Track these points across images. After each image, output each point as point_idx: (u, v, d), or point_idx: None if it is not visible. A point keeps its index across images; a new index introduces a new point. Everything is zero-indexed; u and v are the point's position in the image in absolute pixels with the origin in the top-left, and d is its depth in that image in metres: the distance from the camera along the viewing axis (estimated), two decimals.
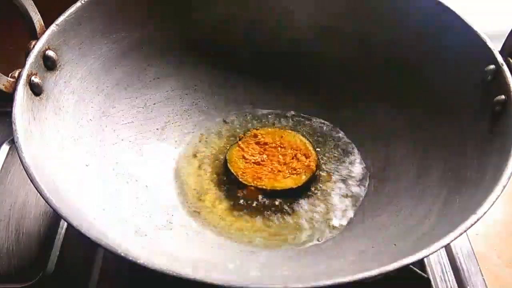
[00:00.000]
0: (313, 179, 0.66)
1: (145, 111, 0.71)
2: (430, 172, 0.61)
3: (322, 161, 0.69)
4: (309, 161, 0.66)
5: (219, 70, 0.74)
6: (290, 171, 0.65)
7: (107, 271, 0.61)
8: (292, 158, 0.66)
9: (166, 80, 0.72)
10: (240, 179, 0.65)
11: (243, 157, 0.66)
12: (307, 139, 0.69)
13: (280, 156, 0.67)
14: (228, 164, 0.66)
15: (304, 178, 0.65)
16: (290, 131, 0.71)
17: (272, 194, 0.64)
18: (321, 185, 0.66)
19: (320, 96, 0.74)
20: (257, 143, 0.68)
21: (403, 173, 0.64)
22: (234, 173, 0.65)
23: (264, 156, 0.67)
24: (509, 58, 0.57)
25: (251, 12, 0.73)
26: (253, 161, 0.66)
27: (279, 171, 0.65)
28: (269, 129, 0.70)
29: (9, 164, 0.73)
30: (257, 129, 0.70)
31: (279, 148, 0.68)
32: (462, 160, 0.57)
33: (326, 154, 0.70)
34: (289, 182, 0.64)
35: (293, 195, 0.65)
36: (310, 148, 0.68)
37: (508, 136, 0.52)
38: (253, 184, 0.64)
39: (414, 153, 0.65)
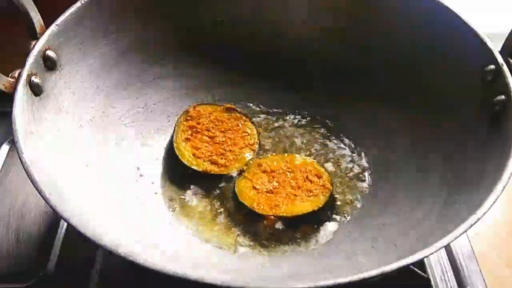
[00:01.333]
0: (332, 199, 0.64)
1: (145, 111, 0.71)
2: (430, 172, 0.61)
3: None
4: (323, 181, 0.64)
5: (219, 70, 0.74)
6: (306, 193, 0.63)
7: (107, 271, 0.61)
8: (305, 181, 0.64)
9: (166, 80, 0.72)
10: (257, 210, 0.61)
11: (253, 187, 0.64)
12: (313, 159, 0.67)
13: (292, 181, 0.64)
14: (239, 198, 0.63)
15: (323, 198, 0.62)
16: (293, 154, 0.68)
17: (292, 219, 0.61)
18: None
19: (320, 96, 0.74)
20: (264, 172, 0.65)
21: (403, 173, 0.65)
22: (249, 206, 0.62)
23: (275, 183, 0.64)
24: (509, 58, 0.57)
25: (251, 12, 0.73)
26: (265, 190, 0.63)
27: (295, 195, 0.63)
28: (272, 156, 0.68)
29: (9, 164, 0.73)
30: (259, 158, 0.68)
31: (287, 173, 0.65)
32: (462, 160, 0.57)
33: (326, 156, 0.70)
34: (308, 205, 0.62)
35: (313, 216, 0.62)
36: (319, 167, 0.66)
37: (508, 136, 0.52)
38: (271, 213, 0.61)
39: (414, 153, 0.65)
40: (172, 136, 0.69)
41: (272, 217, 0.61)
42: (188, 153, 0.66)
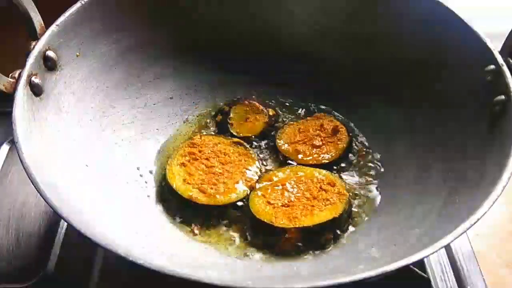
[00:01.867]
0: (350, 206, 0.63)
1: (145, 111, 0.71)
2: (430, 172, 0.61)
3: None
4: (338, 188, 0.63)
5: (219, 70, 0.74)
6: (324, 203, 0.61)
7: (107, 271, 0.61)
8: (319, 191, 0.63)
9: (166, 80, 0.72)
10: (276, 224, 0.59)
11: (268, 202, 0.62)
12: (322, 169, 0.66)
13: (306, 192, 0.63)
14: (256, 215, 0.60)
15: (340, 205, 0.61)
16: (301, 166, 0.67)
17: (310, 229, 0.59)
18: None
19: (320, 95, 0.74)
20: (276, 186, 0.64)
21: (403, 174, 0.65)
22: (267, 221, 0.59)
23: (288, 195, 0.63)
24: (509, 58, 0.57)
25: (251, 12, 0.73)
26: (280, 204, 0.61)
27: (312, 206, 0.61)
28: (281, 169, 0.66)
29: (9, 164, 0.73)
30: (268, 173, 0.66)
31: (300, 185, 0.64)
32: (462, 160, 0.57)
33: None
34: (328, 214, 0.60)
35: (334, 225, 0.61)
36: (331, 175, 0.65)
37: (508, 136, 0.52)
38: (292, 225, 0.59)
39: (414, 153, 0.65)
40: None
41: (292, 229, 0.59)
42: (179, 177, 0.64)
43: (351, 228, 0.62)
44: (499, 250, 0.67)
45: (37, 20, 0.58)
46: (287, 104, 0.75)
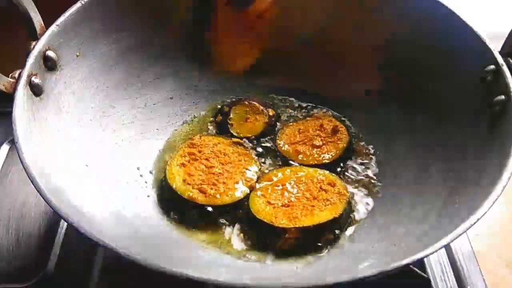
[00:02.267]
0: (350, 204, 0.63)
1: (145, 111, 0.71)
2: (430, 172, 0.61)
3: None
4: (338, 188, 0.63)
5: (219, 70, 0.74)
6: (324, 203, 0.61)
7: (107, 271, 0.61)
8: (319, 191, 0.63)
9: (166, 80, 0.72)
10: (276, 224, 0.59)
11: (268, 202, 0.62)
12: (322, 169, 0.66)
13: (306, 192, 0.63)
14: (256, 215, 0.60)
15: (341, 205, 0.61)
16: (300, 166, 0.67)
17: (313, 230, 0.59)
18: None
19: (321, 95, 0.74)
20: (276, 186, 0.64)
21: (403, 174, 0.65)
22: (268, 221, 0.59)
23: (288, 195, 0.63)
24: (509, 58, 0.57)
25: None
26: (280, 204, 0.61)
27: (312, 206, 0.61)
28: (280, 169, 0.66)
29: (9, 164, 0.73)
30: (268, 173, 0.66)
31: (300, 185, 0.64)
32: (462, 160, 0.57)
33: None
34: (328, 214, 0.60)
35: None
36: (331, 175, 0.65)
37: (508, 136, 0.52)
38: (292, 225, 0.59)
39: (414, 153, 0.65)
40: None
41: (293, 229, 0.59)
42: (179, 178, 0.64)
43: (351, 228, 0.62)
44: (499, 250, 0.67)
45: (37, 20, 0.58)
46: (287, 104, 0.76)
